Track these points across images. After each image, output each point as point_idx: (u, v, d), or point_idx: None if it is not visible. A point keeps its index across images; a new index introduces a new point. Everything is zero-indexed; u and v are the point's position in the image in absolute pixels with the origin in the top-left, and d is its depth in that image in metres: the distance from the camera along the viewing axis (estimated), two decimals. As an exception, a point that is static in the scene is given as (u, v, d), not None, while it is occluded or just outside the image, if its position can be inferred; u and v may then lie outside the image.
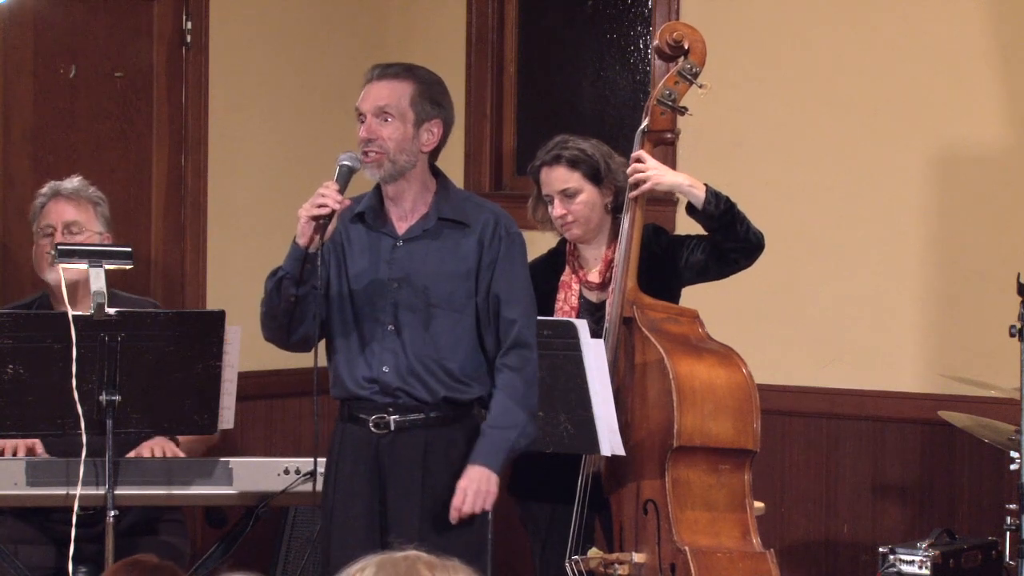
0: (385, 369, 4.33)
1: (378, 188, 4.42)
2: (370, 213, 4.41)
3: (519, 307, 4.36)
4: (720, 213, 4.68)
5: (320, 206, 4.22)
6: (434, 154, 4.42)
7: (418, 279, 4.34)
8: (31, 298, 5.12)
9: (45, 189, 5.09)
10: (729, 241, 4.73)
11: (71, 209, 5.03)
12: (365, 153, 4.33)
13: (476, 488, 4.26)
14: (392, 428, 4.33)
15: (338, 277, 4.39)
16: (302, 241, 4.26)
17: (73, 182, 5.08)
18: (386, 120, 4.33)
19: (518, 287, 4.37)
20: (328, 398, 4.43)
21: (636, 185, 4.71)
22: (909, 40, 5.80)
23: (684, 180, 4.73)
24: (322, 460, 4.58)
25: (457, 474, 4.31)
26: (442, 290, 4.33)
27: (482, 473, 4.27)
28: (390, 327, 4.33)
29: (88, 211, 5.04)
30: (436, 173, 4.43)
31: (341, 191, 4.25)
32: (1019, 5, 5.64)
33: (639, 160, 4.72)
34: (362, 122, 4.36)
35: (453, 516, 4.26)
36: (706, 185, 4.70)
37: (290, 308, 4.31)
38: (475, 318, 4.36)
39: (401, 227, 4.39)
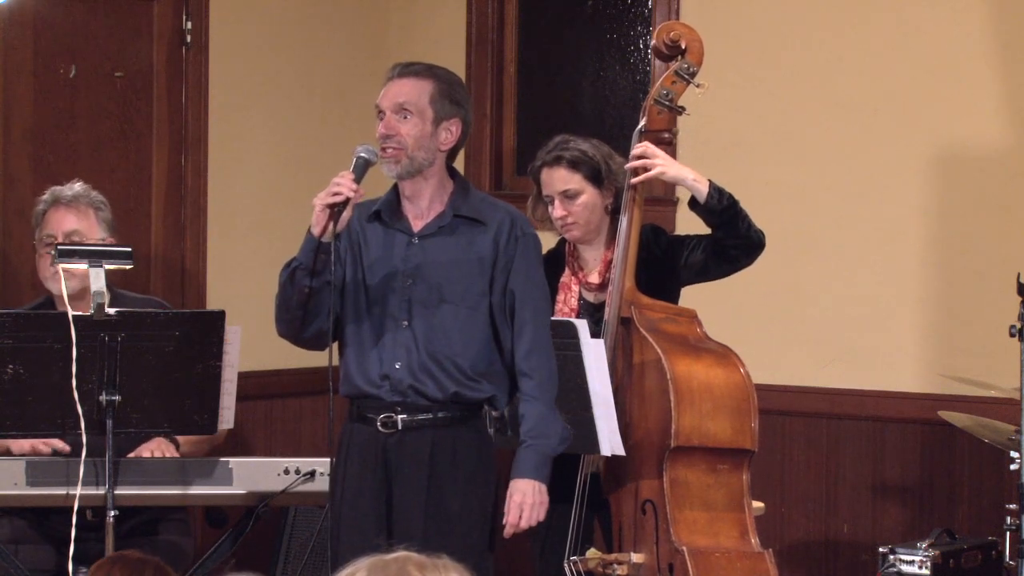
0: (398, 365, 4.34)
1: (395, 187, 4.45)
2: (387, 211, 4.43)
3: (533, 307, 4.38)
4: (722, 209, 4.68)
5: (335, 194, 4.23)
6: (452, 154, 4.43)
7: (432, 275, 4.35)
8: (35, 303, 5.11)
9: (46, 196, 5.06)
10: (730, 238, 4.73)
11: (72, 217, 5.01)
12: (383, 149, 4.35)
13: (531, 502, 4.32)
14: (399, 427, 4.35)
15: (354, 274, 4.41)
16: (316, 231, 4.27)
17: (74, 188, 5.06)
18: (405, 117, 4.35)
19: (533, 286, 4.40)
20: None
21: (640, 172, 4.70)
22: (909, 40, 5.80)
23: (689, 174, 4.73)
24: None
25: (465, 476, 4.33)
26: (456, 287, 4.35)
27: (533, 486, 4.32)
28: (404, 323, 4.35)
29: (89, 218, 5.03)
30: (453, 173, 4.44)
31: (356, 181, 4.26)
32: (1019, 5, 5.64)
33: (645, 147, 4.71)
34: (381, 119, 4.38)
35: (508, 532, 4.32)
36: (710, 181, 4.71)
37: (304, 300, 4.33)
38: (489, 316, 4.37)
39: (417, 225, 4.41)
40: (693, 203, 4.75)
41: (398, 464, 4.34)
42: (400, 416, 4.34)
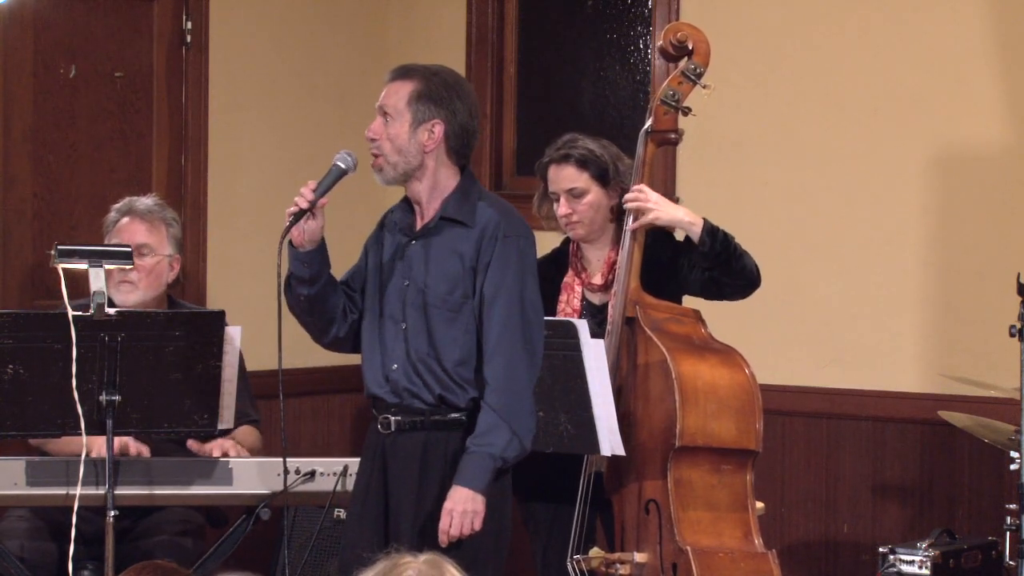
0: (395, 367, 4.36)
1: None
2: (399, 213, 4.46)
3: (502, 312, 4.31)
4: (716, 252, 4.66)
5: (294, 205, 4.29)
6: (457, 154, 4.38)
7: (420, 278, 4.36)
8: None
9: (120, 205, 5.14)
10: (724, 276, 4.73)
11: (144, 230, 5.08)
12: (372, 153, 4.36)
13: (462, 510, 4.23)
14: (393, 428, 4.35)
15: (370, 276, 4.45)
16: (293, 240, 4.32)
17: (147, 201, 5.14)
18: (387, 120, 4.35)
19: (505, 290, 4.32)
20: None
21: (636, 216, 4.71)
22: (909, 40, 5.80)
23: (684, 216, 4.71)
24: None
25: (454, 478, 4.32)
26: (439, 290, 4.34)
27: (466, 494, 4.24)
28: (403, 325, 4.36)
29: (160, 232, 5.10)
30: (463, 173, 4.42)
31: (322, 190, 4.29)
32: (1019, 5, 5.65)
33: (640, 192, 4.71)
34: None
35: (442, 540, 4.24)
36: (704, 220, 4.68)
37: (306, 307, 4.39)
38: (474, 319, 4.36)
39: (419, 226, 4.42)
40: (688, 242, 4.73)
41: (392, 464, 4.36)
42: (395, 418, 4.35)
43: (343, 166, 4.33)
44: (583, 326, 4.59)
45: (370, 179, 4.40)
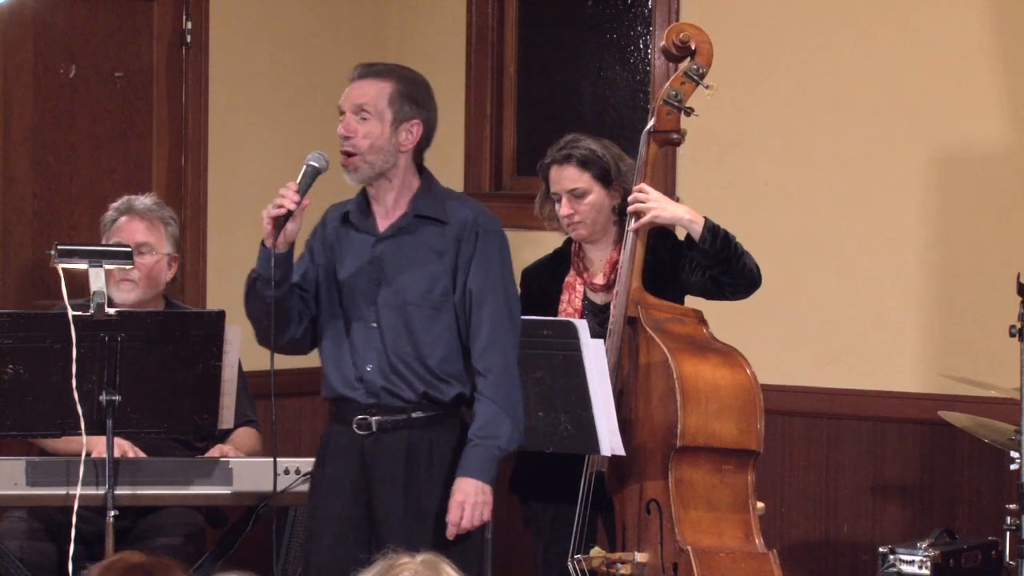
0: (369, 368, 4.34)
1: (365, 188, 4.44)
2: (356, 213, 4.43)
3: (491, 305, 4.33)
4: (716, 251, 4.66)
5: (278, 207, 4.26)
6: (418, 154, 4.41)
7: (396, 277, 4.35)
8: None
9: (118, 204, 5.16)
10: (725, 276, 4.73)
11: (143, 228, 5.10)
12: (343, 152, 4.34)
13: (472, 501, 4.26)
14: (374, 428, 4.34)
15: (327, 278, 4.42)
16: (268, 242, 4.31)
17: (146, 200, 5.15)
18: (364, 118, 4.34)
19: (491, 284, 4.34)
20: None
21: (636, 216, 4.71)
22: (909, 40, 5.80)
23: (684, 213, 4.71)
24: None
25: (442, 474, 4.32)
26: (418, 287, 4.34)
27: (476, 486, 4.27)
28: (374, 325, 4.35)
29: (159, 231, 5.11)
30: (421, 171, 4.43)
31: (303, 191, 4.29)
32: (1019, 5, 5.65)
33: (641, 191, 4.72)
34: (343, 120, 4.37)
35: (451, 532, 4.26)
36: (705, 219, 4.69)
37: (268, 310, 4.34)
38: (456, 315, 4.35)
39: (383, 226, 4.40)
40: (689, 242, 4.73)
41: (375, 465, 4.34)
42: (375, 418, 4.34)
43: (317, 165, 4.34)
44: (583, 326, 4.59)
45: (343, 179, 4.40)
